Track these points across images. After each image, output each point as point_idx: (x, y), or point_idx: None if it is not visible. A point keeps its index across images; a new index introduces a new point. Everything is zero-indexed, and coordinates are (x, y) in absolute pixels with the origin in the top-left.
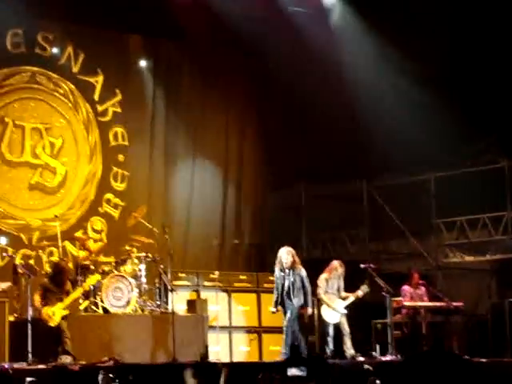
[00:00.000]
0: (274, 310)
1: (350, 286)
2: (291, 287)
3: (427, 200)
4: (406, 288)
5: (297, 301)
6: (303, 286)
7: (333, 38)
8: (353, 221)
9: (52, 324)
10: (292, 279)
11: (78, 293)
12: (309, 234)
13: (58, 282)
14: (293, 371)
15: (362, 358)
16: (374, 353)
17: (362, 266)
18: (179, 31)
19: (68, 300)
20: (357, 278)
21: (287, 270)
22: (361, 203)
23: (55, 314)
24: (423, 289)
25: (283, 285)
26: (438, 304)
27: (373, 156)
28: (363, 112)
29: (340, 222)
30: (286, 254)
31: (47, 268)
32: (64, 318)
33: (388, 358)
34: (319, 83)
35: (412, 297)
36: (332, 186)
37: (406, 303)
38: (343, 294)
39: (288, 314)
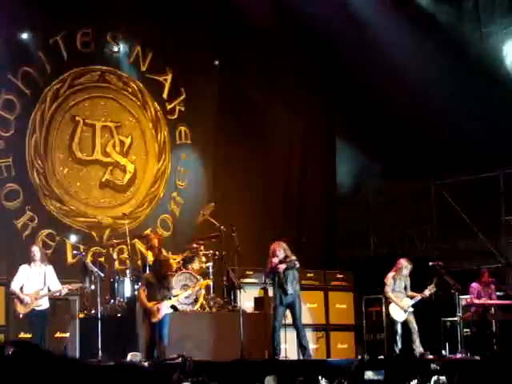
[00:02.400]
0: None
1: (418, 284)
2: None
3: (496, 197)
4: (475, 286)
5: None
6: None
7: (401, 35)
8: (421, 218)
9: (155, 320)
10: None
11: (186, 294)
12: (376, 231)
13: (160, 278)
14: (369, 374)
15: (430, 356)
16: (443, 351)
17: (430, 263)
18: (246, 30)
19: (174, 299)
20: (425, 276)
21: None
22: (429, 200)
23: (160, 310)
24: (493, 287)
25: None
26: (508, 302)
27: (441, 153)
28: (432, 109)
29: (408, 220)
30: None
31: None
32: (167, 315)
33: (457, 356)
34: (387, 81)
35: (481, 295)
36: (400, 184)
37: (476, 301)
38: (410, 292)
39: None
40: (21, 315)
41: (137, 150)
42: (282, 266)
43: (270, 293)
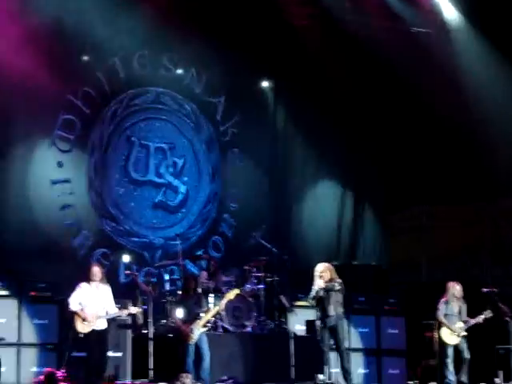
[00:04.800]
0: None
1: (470, 311)
2: None
3: None
4: None
5: None
6: None
7: (456, 56)
8: (475, 244)
9: (190, 342)
10: None
11: (215, 310)
12: (429, 256)
13: (195, 299)
14: None
15: None
16: (496, 379)
17: (484, 290)
18: (301, 51)
19: (206, 318)
20: (478, 303)
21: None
22: (483, 225)
23: (194, 331)
24: None
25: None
26: None
27: (496, 177)
28: (487, 132)
29: (462, 245)
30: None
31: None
32: (202, 335)
33: None
34: (440, 101)
35: None
36: (454, 208)
37: None
38: (465, 317)
39: None
40: (81, 334)
41: (189, 171)
42: (321, 285)
43: None
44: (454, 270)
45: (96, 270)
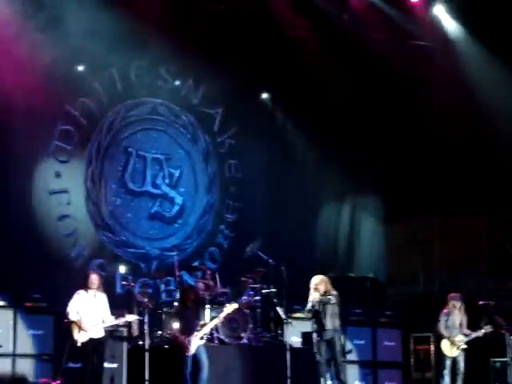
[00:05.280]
0: None
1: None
2: None
3: None
4: None
5: None
6: None
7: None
8: (472, 256)
9: (188, 353)
10: None
11: (213, 323)
12: (426, 268)
13: (192, 310)
14: None
15: None
16: None
17: (480, 302)
18: (299, 63)
19: (204, 330)
20: (475, 315)
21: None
22: (481, 238)
23: (191, 342)
24: None
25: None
26: None
27: (495, 190)
28: (486, 145)
29: (459, 257)
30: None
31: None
32: (200, 346)
33: None
34: (445, 113)
35: None
36: (452, 220)
37: None
38: (466, 330)
39: None
40: (79, 343)
41: (186, 182)
42: (316, 298)
43: None
44: (451, 283)
45: (94, 278)
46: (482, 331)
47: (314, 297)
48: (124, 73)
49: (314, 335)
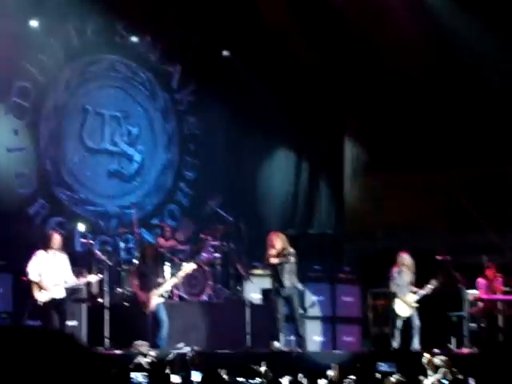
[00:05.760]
0: None
1: (425, 278)
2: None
3: (508, 191)
4: (482, 281)
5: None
6: None
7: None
8: (431, 212)
9: (147, 310)
10: None
11: (173, 282)
12: (385, 224)
13: (153, 267)
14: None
15: (436, 351)
16: (449, 345)
17: (438, 257)
18: (259, 22)
19: (164, 287)
20: (432, 270)
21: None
22: (439, 194)
23: (150, 300)
24: (500, 282)
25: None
26: None
27: (453, 146)
28: (444, 101)
29: (417, 213)
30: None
31: (140, 253)
32: (160, 304)
33: (464, 351)
34: (396, 69)
35: (488, 290)
36: (410, 177)
37: (483, 296)
38: (413, 288)
39: None
40: (40, 303)
41: (145, 140)
42: (275, 261)
43: None
44: (409, 240)
45: (55, 238)
46: (430, 287)
47: (270, 253)
48: (80, 29)
49: (274, 292)
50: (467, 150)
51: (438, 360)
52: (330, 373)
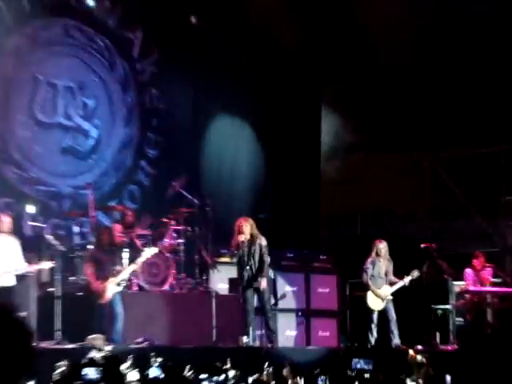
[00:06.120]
0: None
1: (408, 269)
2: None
3: (496, 175)
4: (469, 271)
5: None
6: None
7: None
8: (413, 196)
9: (102, 301)
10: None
11: (131, 269)
12: (364, 209)
13: (109, 254)
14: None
15: (419, 347)
16: (433, 341)
17: (422, 245)
18: None
19: (121, 276)
20: (416, 260)
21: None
22: (422, 176)
23: (106, 289)
24: (489, 272)
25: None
26: (505, 289)
27: (438, 124)
28: (430, 76)
29: (399, 197)
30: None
31: (96, 237)
32: (116, 294)
33: (448, 347)
34: (381, 40)
35: (476, 281)
36: (391, 157)
37: (471, 288)
38: (392, 278)
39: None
40: None
41: (102, 114)
42: (240, 239)
43: None
44: (390, 225)
45: (4, 221)
46: (409, 278)
47: (238, 239)
48: None
49: (244, 282)
50: (455, 128)
51: (420, 357)
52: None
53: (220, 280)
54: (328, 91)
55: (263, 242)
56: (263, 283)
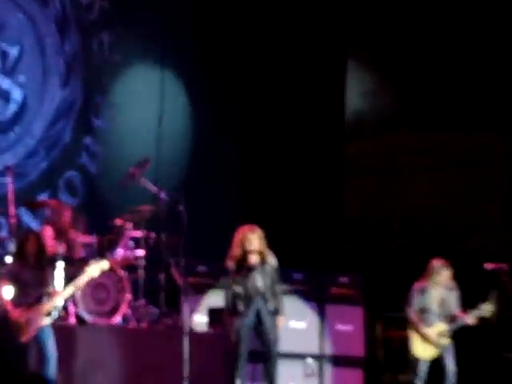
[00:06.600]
0: None
1: (465, 300)
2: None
3: None
4: None
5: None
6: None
7: None
8: (476, 196)
9: (24, 338)
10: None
11: (68, 292)
12: (401, 212)
13: (36, 270)
14: None
15: None
16: None
17: (487, 266)
18: None
19: (53, 302)
20: (478, 287)
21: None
22: (491, 168)
23: (30, 321)
24: None
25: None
26: None
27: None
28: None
29: (455, 197)
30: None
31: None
32: (45, 328)
33: None
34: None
35: None
36: (446, 139)
37: None
38: (452, 312)
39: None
40: None
41: (30, 68)
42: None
43: None
44: (441, 235)
45: None
46: (475, 314)
47: (235, 254)
48: None
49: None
50: None
51: None
52: None
53: (196, 310)
54: (355, 43)
55: (273, 262)
56: (283, 321)
